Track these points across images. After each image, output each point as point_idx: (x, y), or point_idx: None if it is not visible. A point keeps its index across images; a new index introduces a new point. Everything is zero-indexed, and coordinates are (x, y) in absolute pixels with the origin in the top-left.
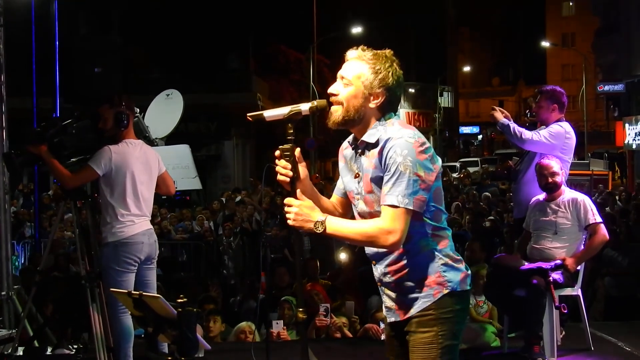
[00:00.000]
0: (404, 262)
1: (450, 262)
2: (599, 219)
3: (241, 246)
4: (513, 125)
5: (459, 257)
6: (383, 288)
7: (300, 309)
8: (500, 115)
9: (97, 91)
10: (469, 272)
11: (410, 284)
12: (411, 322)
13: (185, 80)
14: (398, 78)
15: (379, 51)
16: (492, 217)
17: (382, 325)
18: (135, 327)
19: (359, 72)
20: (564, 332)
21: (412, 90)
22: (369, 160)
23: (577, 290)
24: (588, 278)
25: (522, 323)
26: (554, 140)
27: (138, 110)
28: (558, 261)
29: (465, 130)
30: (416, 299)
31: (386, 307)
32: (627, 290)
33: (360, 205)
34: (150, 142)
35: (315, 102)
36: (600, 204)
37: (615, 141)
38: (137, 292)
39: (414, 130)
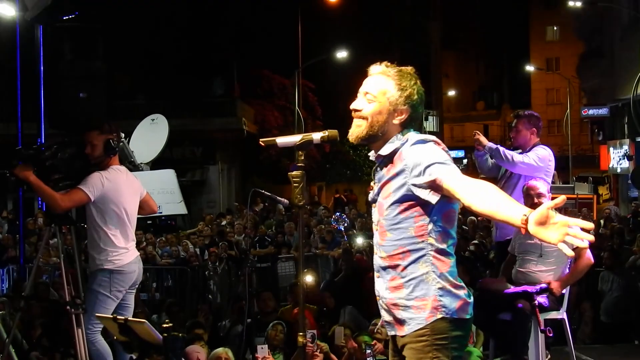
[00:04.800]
0: (402, 280)
1: (449, 286)
2: None
3: (227, 271)
4: (502, 148)
5: (461, 284)
6: (382, 302)
7: (301, 333)
8: (485, 139)
9: (82, 116)
10: (471, 299)
11: (405, 302)
12: (407, 345)
13: (169, 105)
14: (421, 96)
15: (402, 68)
16: (476, 242)
17: (368, 351)
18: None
19: (384, 88)
20: (549, 356)
21: None
22: (386, 169)
23: (562, 314)
24: (574, 301)
25: (507, 347)
26: (541, 163)
27: (123, 135)
28: (543, 285)
29: (451, 154)
30: (410, 319)
31: (385, 321)
32: (623, 315)
33: (373, 215)
34: (136, 167)
35: (327, 132)
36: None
37: (600, 165)
38: (123, 318)
39: (429, 135)
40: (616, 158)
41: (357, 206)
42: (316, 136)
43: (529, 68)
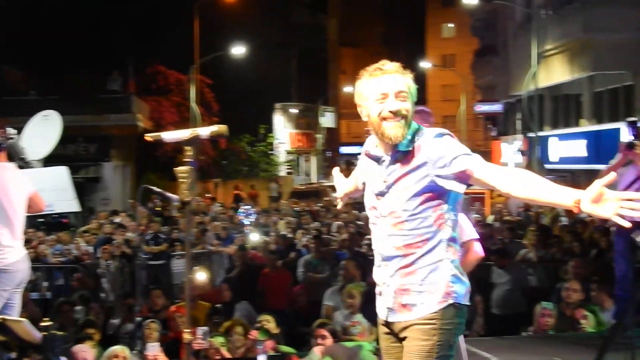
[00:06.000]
0: (417, 266)
1: (459, 274)
2: (474, 236)
3: (120, 269)
4: None
5: (463, 272)
6: (386, 289)
7: (186, 330)
8: None
9: None
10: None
11: (418, 288)
12: (412, 327)
13: (63, 101)
14: None
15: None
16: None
17: (259, 347)
18: None
19: (409, 84)
20: None
21: (294, 111)
22: (400, 163)
23: None
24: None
25: None
26: None
27: (16, 131)
28: None
29: (346, 150)
30: (421, 303)
31: (387, 307)
32: (512, 307)
33: (381, 208)
34: (27, 163)
35: (216, 127)
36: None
37: (492, 160)
38: (0, 317)
39: (441, 128)
40: (509, 153)
41: (259, 202)
42: (204, 132)
43: (425, 64)
